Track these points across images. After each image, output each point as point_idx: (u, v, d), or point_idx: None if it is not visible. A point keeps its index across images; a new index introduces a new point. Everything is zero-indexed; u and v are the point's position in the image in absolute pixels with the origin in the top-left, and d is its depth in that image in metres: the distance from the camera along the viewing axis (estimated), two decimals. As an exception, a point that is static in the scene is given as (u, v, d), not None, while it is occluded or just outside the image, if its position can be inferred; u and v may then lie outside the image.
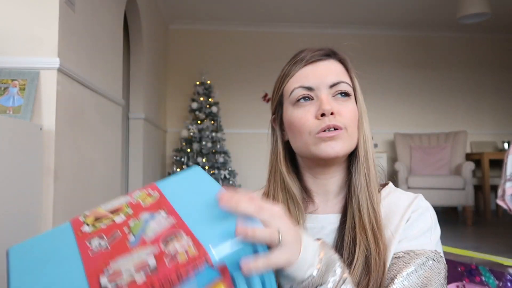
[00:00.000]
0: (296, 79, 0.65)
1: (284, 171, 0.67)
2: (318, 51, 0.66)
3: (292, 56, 0.68)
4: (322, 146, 0.61)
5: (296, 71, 0.65)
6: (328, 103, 0.61)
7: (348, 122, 0.62)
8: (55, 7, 1.74)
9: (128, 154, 3.46)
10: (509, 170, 2.27)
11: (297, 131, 0.64)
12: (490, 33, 5.15)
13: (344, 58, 0.67)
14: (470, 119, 5.08)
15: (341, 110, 0.62)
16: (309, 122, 0.62)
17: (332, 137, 0.61)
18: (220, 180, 4.20)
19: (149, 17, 3.76)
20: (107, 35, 2.48)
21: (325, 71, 0.64)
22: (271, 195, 0.68)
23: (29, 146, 1.59)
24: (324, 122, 0.61)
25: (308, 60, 0.64)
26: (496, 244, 2.89)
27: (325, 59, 0.65)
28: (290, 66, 0.67)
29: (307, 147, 0.63)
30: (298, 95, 0.63)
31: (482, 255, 1.02)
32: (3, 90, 1.66)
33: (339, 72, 0.65)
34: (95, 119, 2.25)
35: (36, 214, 1.64)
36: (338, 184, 0.67)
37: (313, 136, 0.62)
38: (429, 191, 3.76)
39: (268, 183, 0.70)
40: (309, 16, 4.72)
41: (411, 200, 0.64)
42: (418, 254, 0.57)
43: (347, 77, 0.65)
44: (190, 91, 4.75)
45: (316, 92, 0.63)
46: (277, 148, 0.70)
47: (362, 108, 0.66)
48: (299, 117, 0.63)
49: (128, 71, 3.52)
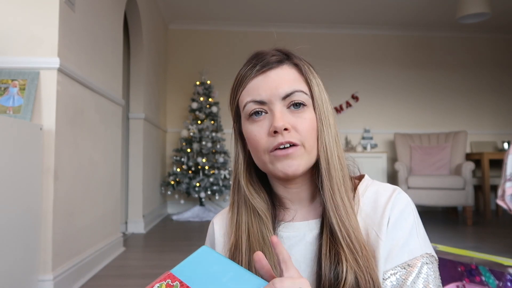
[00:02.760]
0: (247, 92, 0.61)
1: (243, 183, 0.64)
2: (271, 57, 0.61)
3: (247, 59, 0.64)
4: (278, 165, 0.58)
5: (247, 83, 0.61)
6: (281, 118, 0.57)
7: (304, 137, 0.58)
8: (55, 7, 1.74)
9: (128, 154, 3.46)
10: (509, 170, 2.27)
11: (254, 148, 0.61)
12: (490, 33, 5.15)
13: (297, 63, 0.61)
14: (470, 119, 5.08)
15: (296, 124, 0.58)
16: (263, 140, 0.58)
17: (287, 155, 0.57)
18: (220, 180, 4.21)
19: (149, 17, 3.76)
20: (107, 35, 2.48)
21: (277, 81, 0.59)
22: (235, 206, 0.65)
23: (29, 146, 1.59)
24: (277, 139, 0.57)
25: (258, 70, 0.60)
26: (496, 244, 2.89)
27: (276, 66, 0.60)
28: (242, 74, 0.63)
29: (264, 165, 0.60)
30: (250, 110, 0.60)
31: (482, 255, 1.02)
32: (3, 90, 1.66)
33: (293, 79, 0.60)
34: (95, 119, 2.25)
35: (36, 214, 1.64)
36: (310, 191, 0.64)
37: (268, 154, 0.58)
38: (429, 191, 3.76)
39: (232, 193, 0.67)
40: (309, 16, 4.72)
41: (390, 194, 0.61)
42: (412, 265, 0.57)
43: (302, 84, 0.60)
44: (190, 91, 4.76)
45: (269, 105, 0.59)
46: (239, 158, 0.66)
47: (322, 114, 0.60)
48: (253, 134, 0.60)
49: (128, 71, 3.52)
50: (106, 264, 2.32)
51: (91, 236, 2.18)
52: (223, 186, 4.23)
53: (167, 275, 0.50)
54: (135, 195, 3.44)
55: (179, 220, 4.10)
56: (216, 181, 4.18)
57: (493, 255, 1.02)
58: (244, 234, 0.62)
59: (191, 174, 4.22)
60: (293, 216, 0.64)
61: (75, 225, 1.96)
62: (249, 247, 0.61)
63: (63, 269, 1.77)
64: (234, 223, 0.64)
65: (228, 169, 4.34)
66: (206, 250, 0.52)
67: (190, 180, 4.18)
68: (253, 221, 0.62)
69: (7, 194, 1.44)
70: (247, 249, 0.61)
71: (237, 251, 0.61)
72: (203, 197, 4.25)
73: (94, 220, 2.23)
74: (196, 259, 0.51)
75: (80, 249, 2.02)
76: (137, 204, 3.43)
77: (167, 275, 0.50)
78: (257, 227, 0.62)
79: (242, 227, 0.62)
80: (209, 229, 0.73)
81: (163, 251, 2.71)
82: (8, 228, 1.44)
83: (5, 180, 1.43)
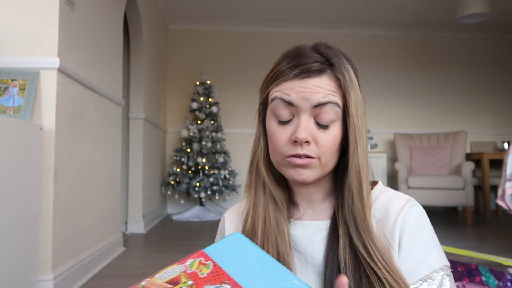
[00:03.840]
0: (280, 88, 0.59)
1: (263, 169, 0.63)
2: (313, 63, 0.57)
3: (287, 53, 0.61)
4: (291, 171, 0.58)
5: (283, 80, 0.58)
6: (304, 130, 0.56)
7: (323, 152, 0.57)
8: (55, 7, 1.74)
9: (128, 154, 3.46)
10: (509, 170, 2.27)
11: (273, 147, 0.60)
12: (490, 33, 5.15)
13: (339, 77, 0.58)
14: (470, 119, 5.08)
15: (318, 138, 0.57)
16: (283, 144, 0.58)
17: (302, 165, 0.57)
18: (220, 180, 4.21)
19: (149, 17, 3.76)
20: (107, 35, 2.48)
21: (312, 90, 0.56)
22: (253, 188, 0.64)
23: (29, 146, 1.59)
24: (295, 149, 0.57)
25: (296, 74, 0.57)
26: (496, 244, 2.89)
27: (316, 76, 0.57)
28: (280, 70, 0.60)
29: (278, 165, 0.61)
30: (278, 108, 0.59)
31: (482, 255, 1.02)
32: (3, 90, 1.66)
33: (329, 92, 0.57)
34: (95, 119, 2.25)
35: (36, 214, 1.64)
36: (323, 193, 0.64)
37: (284, 158, 0.58)
38: (429, 191, 3.76)
39: (249, 175, 0.65)
40: (309, 16, 4.72)
41: (403, 203, 0.61)
42: (433, 277, 0.57)
43: (338, 97, 0.57)
44: (190, 91, 4.76)
45: (297, 110, 0.57)
46: (260, 143, 0.65)
47: (357, 131, 0.58)
48: (276, 135, 0.59)
49: (128, 71, 3.52)
50: (106, 264, 2.32)
51: (91, 236, 2.18)
52: (223, 186, 4.23)
53: (199, 253, 0.49)
54: (135, 195, 3.44)
55: (179, 220, 4.09)
56: (216, 181, 4.18)
57: (493, 255, 1.02)
58: (260, 218, 0.61)
59: (191, 174, 4.22)
60: (302, 215, 0.64)
61: (75, 225, 1.96)
62: (264, 232, 0.60)
63: (63, 269, 1.77)
64: (252, 205, 0.63)
65: (228, 169, 4.34)
66: (239, 237, 0.51)
67: (190, 180, 4.18)
68: (269, 206, 0.62)
69: (7, 194, 1.44)
70: (262, 234, 0.60)
71: (253, 235, 0.61)
72: (203, 197, 4.25)
73: (94, 220, 2.23)
74: (229, 243, 0.51)
75: (80, 249, 2.02)
76: (137, 204, 3.43)
77: (200, 253, 0.49)
78: (273, 214, 0.62)
79: (259, 210, 0.62)
80: (220, 224, 0.71)
81: (163, 251, 2.71)
82: (8, 228, 1.44)
83: (5, 180, 1.43)
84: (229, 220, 0.69)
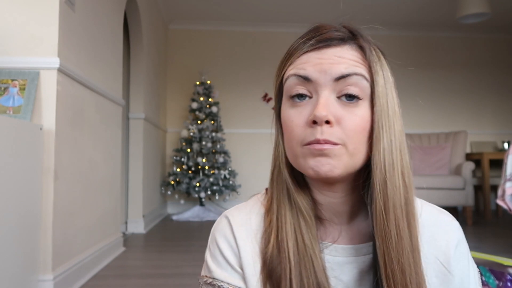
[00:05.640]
0: (294, 65, 0.49)
1: (288, 178, 0.52)
2: (332, 32, 0.48)
3: (303, 33, 0.52)
4: (311, 161, 0.46)
5: (297, 56, 0.49)
6: (325, 107, 0.45)
7: (349, 136, 0.46)
8: (55, 7, 1.74)
9: (128, 154, 3.46)
10: (509, 170, 2.27)
11: (287, 137, 0.49)
12: (490, 33, 5.15)
13: (364, 45, 0.49)
14: (470, 119, 5.08)
15: (343, 119, 0.46)
16: (299, 129, 0.47)
17: (323, 151, 0.45)
18: (220, 180, 4.21)
19: (149, 17, 3.76)
20: (107, 35, 2.48)
21: (332, 60, 0.47)
22: (275, 203, 0.52)
23: (29, 146, 1.59)
24: (314, 134, 0.45)
25: (312, 44, 0.48)
26: (496, 244, 2.89)
27: (336, 45, 0.48)
28: (293, 47, 0.51)
29: (296, 159, 0.49)
30: (292, 87, 0.48)
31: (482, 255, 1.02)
32: (3, 90, 1.66)
33: (353, 62, 0.47)
34: (95, 119, 2.25)
35: (36, 214, 1.64)
36: (351, 203, 0.51)
37: (301, 146, 0.47)
38: (429, 191, 3.76)
39: (271, 187, 0.54)
40: (309, 16, 4.72)
41: (450, 218, 0.53)
42: None
43: (363, 68, 0.47)
44: (190, 91, 4.76)
45: (315, 86, 0.47)
46: (279, 145, 0.54)
47: (384, 115, 0.47)
48: (290, 119, 0.48)
49: (128, 71, 3.52)
50: (106, 264, 2.32)
51: (91, 236, 2.18)
52: (223, 186, 4.23)
53: None
54: (135, 195, 3.44)
55: (179, 220, 4.09)
56: (216, 181, 4.18)
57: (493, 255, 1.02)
58: (290, 237, 0.49)
59: (191, 174, 4.22)
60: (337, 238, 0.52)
61: (75, 225, 1.96)
62: (299, 256, 0.48)
63: (63, 269, 1.77)
64: (275, 222, 0.50)
65: (228, 169, 4.34)
66: None
67: (190, 180, 4.18)
68: (301, 223, 0.50)
69: (7, 194, 1.44)
70: (296, 259, 0.47)
71: (282, 259, 0.48)
72: (203, 197, 4.25)
73: (94, 220, 2.23)
74: None
75: (80, 249, 2.02)
76: (137, 204, 3.43)
77: None
78: (306, 232, 0.49)
79: (287, 228, 0.49)
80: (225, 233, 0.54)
81: (163, 251, 2.71)
82: (8, 228, 1.44)
83: (5, 180, 1.43)
84: (242, 239, 0.53)
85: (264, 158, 4.67)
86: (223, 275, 0.52)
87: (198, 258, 2.43)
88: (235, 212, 0.56)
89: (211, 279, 0.53)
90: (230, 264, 0.52)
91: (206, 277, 0.54)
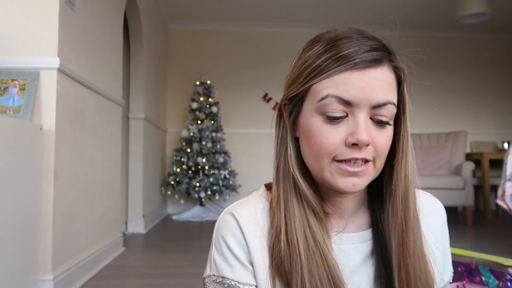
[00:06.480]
0: (333, 83, 0.48)
1: (298, 176, 0.53)
2: (370, 51, 0.49)
3: (331, 39, 0.51)
4: (339, 180, 0.50)
5: (335, 72, 0.48)
6: (365, 131, 0.48)
7: (379, 154, 0.50)
8: (55, 7, 1.74)
9: (128, 154, 3.46)
10: (509, 170, 2.27)
11: (316, 150, 0.50)
12: (490, 33, 5.15)
13: (398, 66, 0.52)
14: (470, 119, 5.08)
15: (376, 140, 0.49)
16: (334, 146, 0.49)
17: (355, 173, 0.49)
18: (220, 180, 4.21)
19: (149, 17, 3.76)
20: (107, 35, 2.48)
21: (373, 84, 0.48)
22: (282, 200, 0.53)
23: (29, 146, 1.59)
24: (352, 153, 0.48)
25: (356, 64, 0.48)
26: (496, 244, 2.89)
27: (377, 66, 0.49)
28: (328, 60, 0.49)
29: (321, 172, 0.51)
30: (330, 107, 0.49)
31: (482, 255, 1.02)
32: (3, 90, 1.66)
33: (389, 87, 0.50)
34: (95, 119, 2.25)
35: (36, 214, 1.64)
36: (356, 201, 0.57)
37: (332, 162, 0.50)
38: (429, 191, 3.74)
39: (277, 185, 0.55)
40: (309, 16, 4.72)
41: (437, 201, 0.61)
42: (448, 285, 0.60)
43: (395, 95, 0.51)
44: (190, 91, 4.76)
45: (353, 108, 0.48)
46: (286, 142, 0.55)
47: (408, 134, 0.53)
48: (324, 136, 0.49)
49: (128, 71, 3.52)
50: (106, 264, 2.32)
51: (91, 236, 2.18)
52: (223, 186, 4.23)
53: None
54: (135, 195, 3.44)
55: (179, 220, 4.09)
56: (216, 181, 4.18)
57: (493, 255, 1.02)
58: (299, 233, 0.51)
59: (191, 174, 4.22)
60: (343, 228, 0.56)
61: (75, 225, 1.96)
62: (308, 251, 0.50)
63: (63, 269, 1.77)
64: (283, 220, 0.52)
65: (228, 169, 4.34)
66: None
67: (190, 180, 4.18)
68: (310, 219, 0.52)
69: (7, 194, 1.44)
70: (306, 254, 0.50)
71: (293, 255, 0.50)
72: (203, 197, 4.25)
73: (94, 220, 2.23)
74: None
75: (80, 249, 2.02)
76: (137, 204, 3.43)
77: None
78: (316, 228, 0.52)
79: (296, 225, 0.51)
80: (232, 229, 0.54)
81: (163, 251, 2.70)
82: (8, 228, 1.44)
83: (5, 180, 1.43)
84: (250, 233, 0.53)
85: (264, 158, 4.67)
86: (232, 273, 0.52)
87: (198, 258, 2.43)
88: (239, 208, 0.56)
89: (221, 278, 0.52)
90: (240, 260, 0.52)
91: (214, 276, 0.53)
